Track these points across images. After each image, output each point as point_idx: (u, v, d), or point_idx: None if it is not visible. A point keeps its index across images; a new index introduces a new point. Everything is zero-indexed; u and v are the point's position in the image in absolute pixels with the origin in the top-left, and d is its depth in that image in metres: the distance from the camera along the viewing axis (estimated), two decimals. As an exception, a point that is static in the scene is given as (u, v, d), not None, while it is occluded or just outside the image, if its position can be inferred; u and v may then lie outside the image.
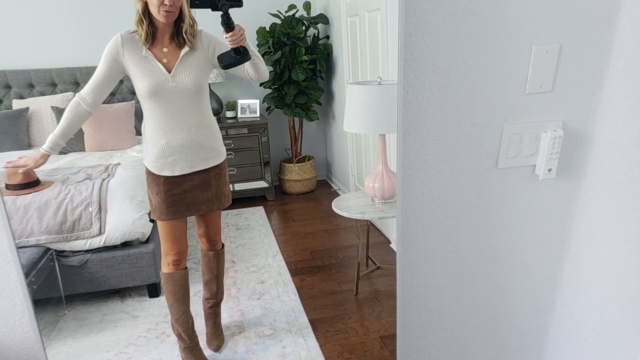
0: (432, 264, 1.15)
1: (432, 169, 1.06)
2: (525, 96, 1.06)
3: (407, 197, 1.07)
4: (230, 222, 3.32)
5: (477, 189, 1.11)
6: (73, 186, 2.33)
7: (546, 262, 1.23)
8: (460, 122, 1.04)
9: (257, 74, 1.73)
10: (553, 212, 1.18)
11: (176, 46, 1.66)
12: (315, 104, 3.75)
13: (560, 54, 1.04)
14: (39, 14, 3.32)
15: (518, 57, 1.03)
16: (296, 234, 3.12)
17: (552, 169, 1.12)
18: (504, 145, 1.09)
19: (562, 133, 1.09)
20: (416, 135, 1.02)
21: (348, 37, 3.24)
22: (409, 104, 0.99)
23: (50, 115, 3.21)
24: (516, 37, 1.01)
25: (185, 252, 1.86)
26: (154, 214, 1.79)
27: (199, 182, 1.77)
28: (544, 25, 1.01)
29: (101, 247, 2.26)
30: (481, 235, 1.15)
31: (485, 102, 1.04)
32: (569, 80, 1.07)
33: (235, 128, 3.54)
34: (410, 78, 0.98)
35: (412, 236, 1.11)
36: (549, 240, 1.21)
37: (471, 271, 1.19)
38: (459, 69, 1.00)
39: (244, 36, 1.55)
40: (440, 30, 0.96)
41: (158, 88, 1.62)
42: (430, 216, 1.10)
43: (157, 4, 1.53)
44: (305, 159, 3.89)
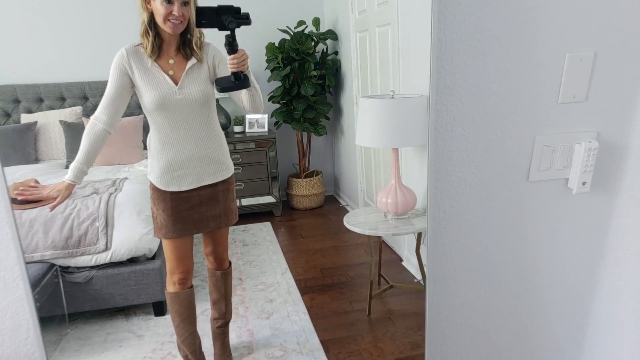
0: (461, 282, 1.09)
1: (461, 181, 1.01)
2: (558, 106, 1.01)
3: (435, 212, 1.01)
4: (237, 238, 3.26)
5: (507, 203, 1.06)
6: (80, 200, 2.28)
7: (581, 281, 1.17)
8: (490, 132, 0.99)
9: (251, 104, 1.66)
10: (587, 228, 1.12)
11: (182, 57, 1.62)
12: (324, 118, 3.72)
13: (594, 62, 1.00)
14: (49, 28, 3.32)
15: (551, 65, 0.98)
16: (305, 250, 3.05)
17: (587, 182, 1.07)
18: (535, 157, 1.04)
19: (597, 145, 1.04)
20: (444, 146, 0.98)
21: (357, 53, 3.22)
22: (440, 112, 0.94)
23: (58, 129, 3.18)
24: (549, 43, 0.96)
25: (191, 270, 1.79)
26: (158, 232, 1.72)
27: (206, 197, 1.71)
28: (578, 32, 0.97)
29: (107, 263, 2.20)
30: (512, 252, 1.10)
31: (517, 111, 1.00)
32: (603, 90, 1.02)
33: (243, 143, 3.50)
34: (440, 86, 0.93)
35: (440, 253, 1.05)
36: (584, 258, 1.15)
37: (502, 290, 1.13)
38: (489, 76, 0.95)
39: (247, 62, 1.50)
40: (471, 36, 0.92)
41: (165, 100, 1.57)
42: (458, 232, 1.05)
43: (164, 14, 1.49)
44: (314, 174, 3.85)
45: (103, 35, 3.10)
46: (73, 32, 3.38)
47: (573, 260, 1.14)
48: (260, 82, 3.87)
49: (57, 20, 3.33)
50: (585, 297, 1.19)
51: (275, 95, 3.51)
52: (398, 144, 2.08)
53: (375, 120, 2.05)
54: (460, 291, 1.10)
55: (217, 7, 1.39)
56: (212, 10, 1.39)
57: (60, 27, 3.35)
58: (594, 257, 1.15)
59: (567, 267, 1.15)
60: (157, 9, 1.49)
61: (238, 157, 3.49)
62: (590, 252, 1.15)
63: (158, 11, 1.49)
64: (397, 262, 2.79)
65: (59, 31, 3.36)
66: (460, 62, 0.93)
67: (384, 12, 2.67)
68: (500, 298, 1.14)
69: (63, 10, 3.33)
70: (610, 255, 1.15)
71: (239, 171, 3.51)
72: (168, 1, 1.48)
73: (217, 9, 1.39)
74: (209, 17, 1.39)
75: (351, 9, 3.21)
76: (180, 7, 1.49)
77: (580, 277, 1.17)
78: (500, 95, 0.97)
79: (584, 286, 1.18)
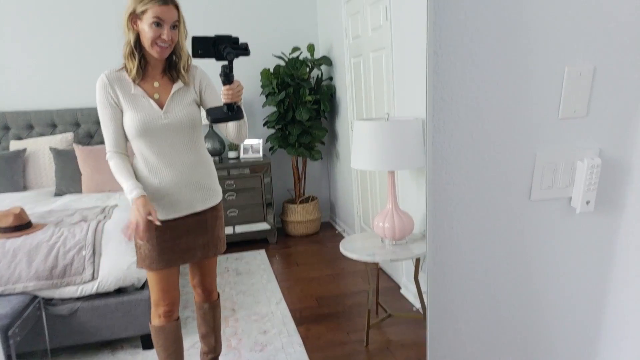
0: (463, 308, 1.03)
1: (460, 200, 0.96)
2: (558, 121, 0.97)
3: (434, 234, 0.96)
4: (230, 267, 3.17)
5: (509, 224, 1.00)
6: (67, 228, 2.20)
7: (587, 304, 1.10)
8: (489, 149, 0.95)
9: (237, 135, 1.60)
10: (593, 249, 1.06)
11: (168, 80, 1.56)
12: (319, 143, 3.69)
13: (594, 76, 0.96)
14: (41, 56, 3.31)
15: (550, 79, 0.94)
16: (300, 279, 2.97)
17: (590, 201, 1.02)
18: (537, 175, 0.99)
19: (599, 161, 0.99)
20: (442, 163, 0.93)
21: (352, 77, 3.21)
22: (437, 128, 0.90)
23: (48, 156, 3.13)
24: (548, 56, 0.93)
25: (177, 302, 1.70)
26: (142, 263, 1.62)
27: (194, 225, 1.63)
28: (576, 45, 0.94)
29: (93, 294, 2.11)
30: (515, 275, 1.03)
31: (516, 126, 0.95)
32: (604, 105, 0.98)
33: (238, 168, 3.45)
34: (437, 101, 0.89)
35: (441, 277, 0.99)
36: (589, 281, 1.09)
37: (506, 315, 1.06)
38: (487, 90, 0.92)
39: (241, 93, 1.44)
40: (468, 49, 0.89)
41: (149, 125, 1.50)
42: (459, 254, 0.99)
43: (152, 37, 1.44)
44: (309, 200, 3.79)
45: (95, 63, 3.09)
46: (65, 59, 3.38)
47: (578, 283, 1.08)
48: (255, 107, 3.89)
49: (49, 47, 3.34)
50: (591, 323, 1.12)
51: (270, 120, 3.49)
52: (394, 167, 2.04)
53: (370, 143, 2.01)
54: (463, 318, 1.04)
55: (214, 37, 1.32)
56: (209, 40, 1.32)
57: (52, 55, 3.35)
58: (599, 280, 1.09)
59: (572, 290, 1.09)
60: (145, 32, 1.44)
61: (232, 183, 3.44)
62: (596, 275, 1.09)
63: (146, 34, 1.45)
64: (395, 290, 2.70)
65: (51, 58, 3.36)
66: (457, 76, 0.90)
67: (378, 37, 2.67)
68: (504, 324, 1.07)
69: (55, 38, 3.34)
70: (617, 279, 1.09)
71: (233, 197, 3.45)
72: (157, 24, 1.43)
73: (215, 38, 1.32)
74: (205, 47, 1.31)
75: (345, 35, 3.22)
76: (169, 30, 1.45)
77: (586, 302, 1.11)
78: (499, 110, 0.93)
79: (589, 312, 1.12)
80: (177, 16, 1.47)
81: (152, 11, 1.42)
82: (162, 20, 1.43)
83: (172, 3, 1.45)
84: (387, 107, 2.62)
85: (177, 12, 1.47)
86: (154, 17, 1.42)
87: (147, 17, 1.43)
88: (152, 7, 1.42)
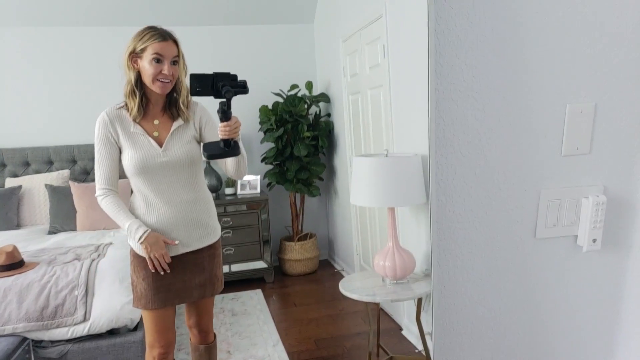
0: (469, 350, 0.98)
1: (465, 239, 0.94)
2: (561, 158, 0.96)
3: (439, 273, 0.93)
4: (226, 307, 3.09)
5: (514, 262, 0.98)
6: (59, 267, 2.15)
7: (597, 344, 1.06)
8: (493, 186, 0.93)
9: (236, 172, 1.59)
10: (601, 288, 1.03)
11: (168, 118, 1.56)
12: (317, 179, 3.69)
13: (595, 113, 0.96)
14: (37, 93, 3.33)
15: (552, 116, 0.94)
16: (298, 320, 2.89)
17: (597, 239, 0.99)
18: (541, 213, 0.97)
19: (604, 199, 0.98)
20: (446, 201, 0.91)
21: (350, 114, 3.24)
22: (440, 165, 0.88)
23: (43, 193, 3.10)
24: (549, 94, 0.93)
25: (173, 344, 1.64)
26: (138, 303, 1.59)
27: (190, 264, 1.60)
28: (577, 82, 0.94)
29: (84, 336, 2.04)
30: (522, 316, 1.00)
31: (519, 164, 0.94)
32: (607, 142, 0.98)
33: (234, 205, 3.43)
34: (439, 138, 0.88)
35: (446, 318, 0.95)
36: (598, 323, 1.05)
37: (513, 356, 1.02)
38: (489, 127, 0.91)
39: (239, 129, 1.44)
40: (469, 87, 0.89)
41: (148, 163, 1.50)
42: (464, 295, 0.96)
43: (153, 74, 1.45)
44: (307, 237, 3.74)
45: (92, 99, 3.11)
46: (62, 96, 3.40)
47: (587, 323, 1.04)
48: (253, 143, 3.89)
49: (46, 84, 3.36)
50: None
51: (268, 156, 3.49)
52: (394, 204, 2.02)
53: (369, 179, 2.00)
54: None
55: (213, 74, 1.32)
56: (208, 78, 1.32)
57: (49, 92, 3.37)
58: (609, 320, 1.06)
59: (581, 331, 1.05)
60: (146, 69, 1.46)
61: (229, 220, 3.40)
62: (605, 315, 1.05)
63: (147, 71, 1.46)
64: (397, 331, 2.63)
65: (49, 95, 3.37)
66: (460, 113, 0.89)
67: (375, 74, 2.71)
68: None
69: (53, 75, 3.37)
70: (627, 319, 1.06)
71: (229, 235, 3.40)
72: (157, 60, 1.45)
73: (214, 76, 1.32)
74: (204, 84, 1.31)
75: (343, 72, 3.27)
76: (170, 66, 1.47)
77: (596, 342, 1.07)
78: (502, 147, 0.92)
79: (599, 352, 1.08)
80: (176, 52, 1.49)
81: (151, 48, 1.44)
82: (162, 56, 1.45)
83: (171, 39, 1.48)
84: (386, 143, 2.62)
85: (176, 47, 1.49)
86: (154, 54, 1.44)
87: (147, 54, 1.44)
88: (151, 44, 1.44)
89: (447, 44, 0.87)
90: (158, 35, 1.45)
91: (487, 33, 0.88)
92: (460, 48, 0.88)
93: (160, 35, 1.45)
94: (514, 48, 0.90)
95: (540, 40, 0.91)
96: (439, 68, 0.86)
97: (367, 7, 2.82)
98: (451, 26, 0.87)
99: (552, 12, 0.91)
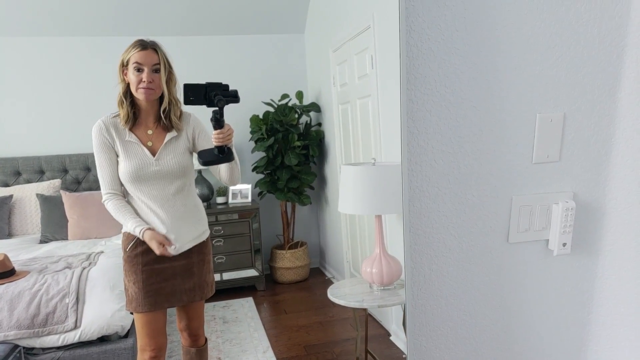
0: (445, 352, 1.02)
1: (440, 244, 0.97)
2: (532, 166, 1.01)
3: (414, 277, 0.96)
4: (217, 315, 3.11)
5: (489, 266, 1.01)
6: (50, 275, 2.17)
7: (567, 345, 1.10)
8: (466, 193, 0.97)
9: (230, 177, 1.65)
10: (571, 291, 1.07)
11: (162, 129, 1.62)
12: (308, 188, 3.72)
13: (564, 123, 1.01)
14: (29, 102, 3.35)
15: (523, 125, 0.99)
16: (288, 327, 2.91)
17: (567, 243, 1.04)
18: (514, 218, 1.01)
19: (574, 204, 1.02)
20: (421, 207, 0.95)
21: (340, 123, 3.29)
22: (414, 173, 0.92)
23: (34, 203, 3.11)
24: (520, 104, 0.97)
25: (164, 348, 1.68)
26: (129, 305, 1.66)
27: (180, 269, 1.65)
28: (547, 93, 0.99)
29: (75, 343, 2.06)
30: (495, 317, 1.04)
31: (492, 171, 0.98)
32: (576, 150, 1.02)
33: (226, 214, 3.45)
34: (413, 146, 0.92)
35: (422, 321, 0.99)
36: (569, 322, 1.09)
37: (486, 357, 1.05)
38: (462, 136, 0.95)
39: (232, 136, 1.50)
40: (442, 97, 0.93)
41: (141, 172, 1.56)
42: (439, 298, 0.99)
43: (135, 82, 1.52)
44: (298, 245, 3.77)
45: (84, 109, 3.13)
46: (54, 105, 3.42)
47: (558, 325, 1.08)
48: (244, 153, 3.93)
49: (37, 93, 3.38)
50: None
51: (259, 165, 3.52)
52: (380, 211, 2.06)
53: (357, 187, 2.04)
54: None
55: (205, 84, 1.39)
56: (201, 87, 1.38)
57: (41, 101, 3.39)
58: (579, 322, 1.09)
59: (552, 332, 1.09)
60: (131, 79, 1.54)
61: (220, 228, 3.42)
62: (575, 317, 1.09)
63: (131, 80, 1.53)
64: (385, 337, 2.65)
65: (40, 104, 3.39)
66: (433, 122, 0.93)
67: (364, 85, 2.76)
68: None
69: (44, 84, 3.38)
70: (596, 320, 1.10)
71: (220, 243, 3.42)
72: (138, 69, 1.52)
73: (206, 86, 1.39)
74: (197, 94, 1.38)
75: (333, 82, 3.33)
76: (150, 73, 1.53)
77: (566, 344, 1.11)
78: (474, 155, 0.97)
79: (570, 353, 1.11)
80: (157, 59, 1.55)
81: (133, 57, 1.52)
82: (141, 65, 1.52)
83: (151, 47, 1.54)
84: (374, 151, 2.67)
85: (156, 55, 1.55)
86: (134, 63, 1.52)
87: (130, 64, 1.53)
88: (133, 54, 1.53)
89: (420, 56, 0.91)
90: (139, 45, 1.53)
91: (459, 46, 0.93)
92: (433, 60, 0.92)
93: (141, 44, 1.53)
94: (485, 60, 0.94)
95: (511, 52, 0.96)
96: (413, 80, 0.91)
97: (356, 18, 2.88)
98: (424, 38, 0.91)
99: (523, 26, 0.95)
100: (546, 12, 0.95)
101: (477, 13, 0.91)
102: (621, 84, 1.01)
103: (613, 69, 1.00)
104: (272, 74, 3.81)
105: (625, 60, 0.99)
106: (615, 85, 1.01)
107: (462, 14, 0.91)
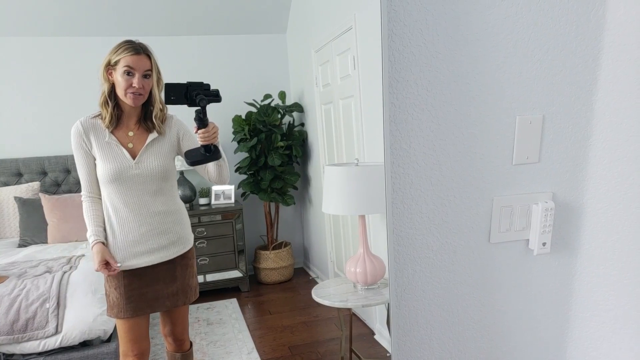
0: (429, 351, 1.03)
1: (423, 244, 0.99)
2: (512, 167, 1.03)
3: (398, 278, 0.97)
4: (201, 317, 3.09)
5: (471, 266, 1.03)
6: (30, 280, 2.13)
7: (549, 342, 1.12)
8: (448, 194, 0.99)
9: (218, 176, 1.63)
10: (552, 289, 1.10)
11: (144, 130, 1.58)
12: (292, 188, 3.72)
13: (543, 125, 1.03)
14: (5, 104, 3.28)
15: (503, 128, 1.00)
16: (273, 327, 2.91)
17: (547, 242, 1.06)
18: (495, 219, 1.03)
19: (553, 205, 1.04)
20: (403, 209, 0.96)
21: (323, 124, 3.29)
22: (397, 175, 0.93)
23: (12, 206, 3.05)
24: (500, 107, 0.99)
25: (147, 354, 1.65)
26: (111, 311, 1.62)
27: (163, 274, 1.62)
28: (526, 95, 1.00)
29: (56, 349, 2.02)
30: (478, 316, 1.05)
31: (473, 173, 1.00)
32: (555, 151, 1.05)
33: (209, 215, 3.43)
34: (396, 149, 0.93)
35: (406, 321, 1.00)
36: (550, 320, 1.11)
37: (470, 356, 1.07)
38: (444, 139, 0.96)
39: (217, 134, 1.49)
40: (423, 100, 0.94)
41: (120, 174, 1.52)
42: (423, 298, 1.00)
43: (124, 86, 1.48)
44: (282, 245, 3.77)
45: (63, 110, 3.08)
46: (32, 107, 3.35)
47: (539, 322, 1.10)
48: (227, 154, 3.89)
49: (14, 95, 3.31)
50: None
51: (242, 166, 3.51)
52: (364, 211, 2.07)
53: (340, 187, 2.05)
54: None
55: (187, 84, 1.38)
56: (182, 87, 1.37)
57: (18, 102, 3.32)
58: (559, 319, 1.12)
59: (534, 329, 1.11)
60: (118, 81, 1.49)
61: (203, 230, 3.40)
62: (556, 315, 1.12)
63: (119, 83, 1.49)
64: (369, 336, 2.67)
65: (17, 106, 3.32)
66: (415, 125, 0.95)
67: (346, 85, 2.77)
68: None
69: (22, 85, 3.32)
70: (576, 317, 1.12)
71: (203, 245, 3.40)
72: (128, 73, 1.47)
73: (187, 85, 1.38)
74: (178, 93, 1.37)
75: (316, 82, 3.33)
76: (140, 79, 1.49)
77: (548, 340, 1.13)
78: (456, 157, 0.98)
79: (551, 350, 1.14)
80: (149, 65, 1.51)
81: (124, 60, 1.47)
82: (132, 69, 1.48)
83: (144, 52, 1.50)
84: (357, 151, 2.68)
85: (149, 61, 1.52)
86: (125, 66, 1.47)
87: (120, 66, 1.48)
88: (124, 57, 1.47)
89: (401, 60, 0.92)
90: (131, 48, 1.48)
91: (440, 49, 0.94)
92: (415, 64, 0.93)
93: (134, 49, 1.48)
94: (466, 64, 0.96)
95: (490, 56, 0.97)
96: (395, 83, 0.92)
97: (338, 19, 2.89)
98: (405, 43, 0.92)
99: (502, 30, 0.97)
100: (525, 16, 0.96)
101: (458, 18, 0.93)
102: (598, 86, 1.03)
103: (590, 72, 1.02)
104: (255, 74, 3.80)
105: (601, 63, 1.02)
106: (592, 87, 1.03)
107: (443, 18, 0.92)
